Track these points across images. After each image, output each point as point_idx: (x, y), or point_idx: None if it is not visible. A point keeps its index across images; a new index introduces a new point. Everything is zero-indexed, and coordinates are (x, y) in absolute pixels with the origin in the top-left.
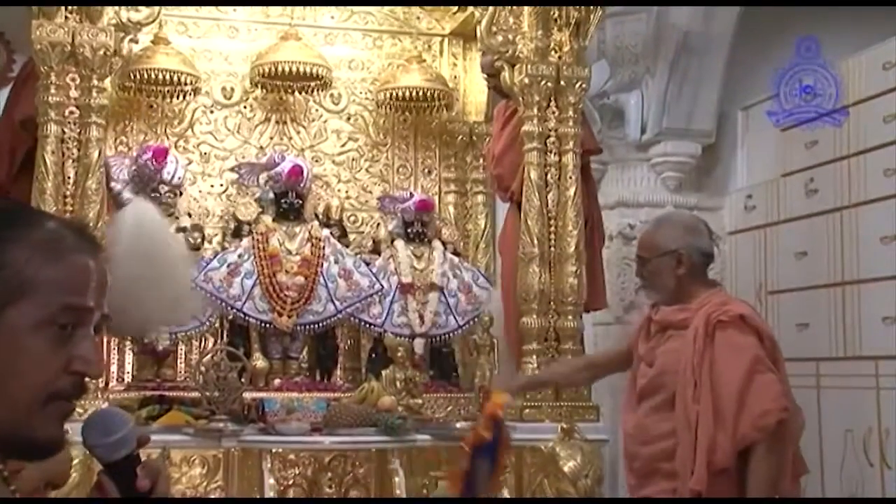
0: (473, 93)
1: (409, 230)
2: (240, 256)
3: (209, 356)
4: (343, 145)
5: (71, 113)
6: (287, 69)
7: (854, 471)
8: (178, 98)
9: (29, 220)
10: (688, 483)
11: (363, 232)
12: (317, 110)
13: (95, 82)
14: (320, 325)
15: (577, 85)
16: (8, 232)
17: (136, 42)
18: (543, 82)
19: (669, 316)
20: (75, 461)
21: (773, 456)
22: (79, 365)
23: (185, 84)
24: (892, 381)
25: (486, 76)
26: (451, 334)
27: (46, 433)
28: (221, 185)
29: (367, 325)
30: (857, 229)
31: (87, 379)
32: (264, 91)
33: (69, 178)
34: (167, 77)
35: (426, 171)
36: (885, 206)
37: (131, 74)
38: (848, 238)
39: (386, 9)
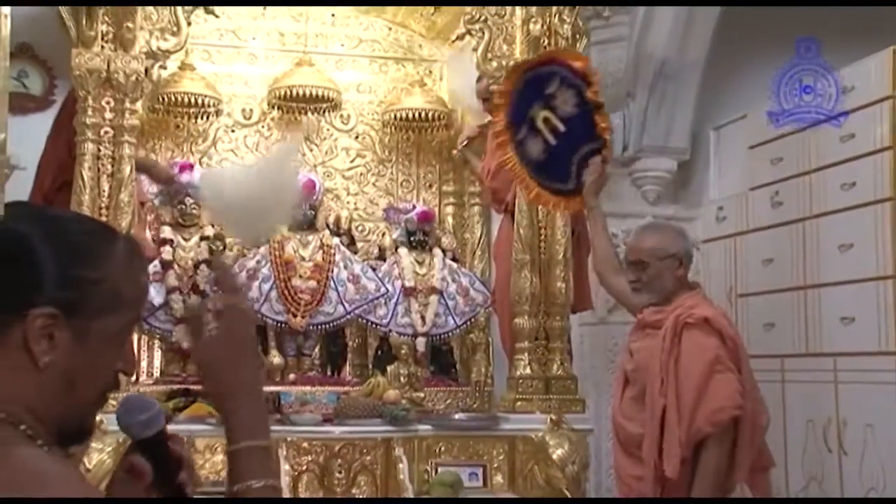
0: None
1: (411, 239)
2: (258, 262)
3: None
4: (352, 161)
5: (106, 133)
6: (301, 92)
7: (815, 457)
8: (202, 119)
9: (111, 235)
10: (652, 470)
11: (370, 240)
12: (328, 129)
13: (128, 105)
14: (331, 325)
15: None
16: (104, 248)
17: (165, 68)
18: None
19: (648, 316)
20: (109, 448)
21: (722, 449)
22: (123, 365)
23: (209, 106)
24: (849, 375)
25: (480, 100)
26: (449, 334)
27: (92, 422)
28: None
29: (374, 325)
30: (818, 238)
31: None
32: (280, 112)
33: (104, 191)
34: (192, 100)
35: (427, 184)
36: (843, 217)
37: (160, 97)
38: (810, 246)
39: (391, 37)
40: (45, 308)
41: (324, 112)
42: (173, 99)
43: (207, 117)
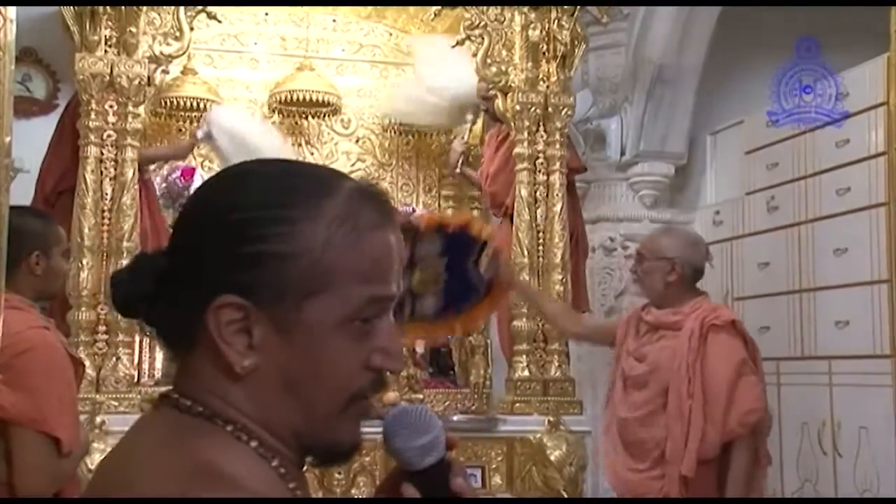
0: None
1: None
2: None
3: None
4: (352, 165)
5: (109, 136)
6: (302, 97)
7: (809, 459)
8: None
9: (322, 186)
10: (679, 467)
11: None
12: (329, 134)
13: (131, 109)
14: None
15: (564, 111)
16: (302, 208)
17: (168, 73)
18: (533, 109)
19: (663, 318)
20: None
21: (750, 449)
22: (379, 360)
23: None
24: (844, 378)
25: (480, 98)
26: (448, 336)
27: (349, 436)
28: None
29: None
30: (814, 242)
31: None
32: (281, 116)
33: (107, 194)
34: (194, 104)
35: (427, 188)
36: (838, 222)
37: (163, 101)
38: (805, 250)
39: (391, 42)
40: (227, 297)
41: (324, 116)
42: (176, 103)
43: None
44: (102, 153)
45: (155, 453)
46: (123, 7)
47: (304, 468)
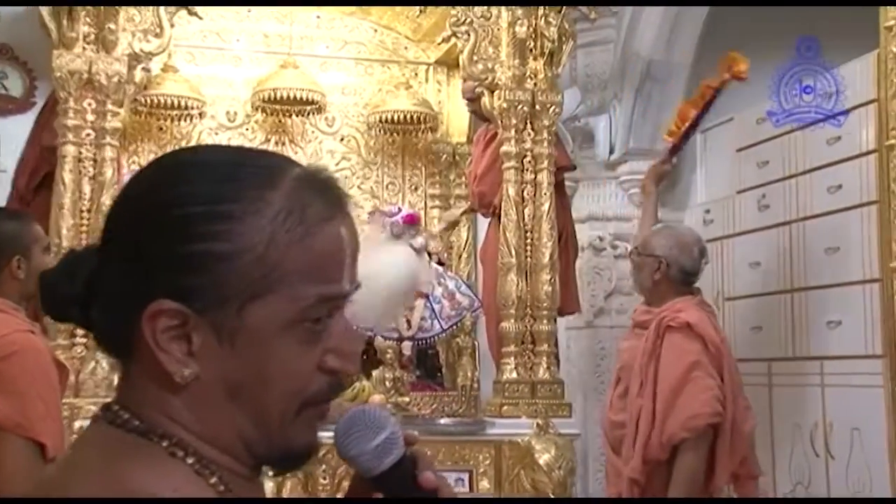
0: (456, 116)
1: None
2: None
3: None
4: (337, 164)
5: (87, 135)
6: (285, 95)
7: (802, 461)
8: (185, 121)
9: (265, 177)
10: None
11: None
12: (313, 132)
13: (110, 107)
14: None
15: (551, 109)
16: (243, 202)
17: (148, 70)
18: (520, 107)
19: (637, 316)
20: None
21: (697, 454)
22: (333, 362)
23: (192, 108)
24: (836, 378)
25: (466, 101)
26: (435, 338)
27: (304, 441)
28: None
29: (359, 329)
30: (805, 241)
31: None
32: (265, 115)
33: (85, 194)
34: (175, 102)
35: (413, 187)
36: (829, 220)
37: (143, 99)
38: (796, 249)
39: (376, 39)
40: (162, 302)
41: (308, 114)
42: (156, 101)
43: (191, 120)
44: (81, 152)
45: (84, 479)
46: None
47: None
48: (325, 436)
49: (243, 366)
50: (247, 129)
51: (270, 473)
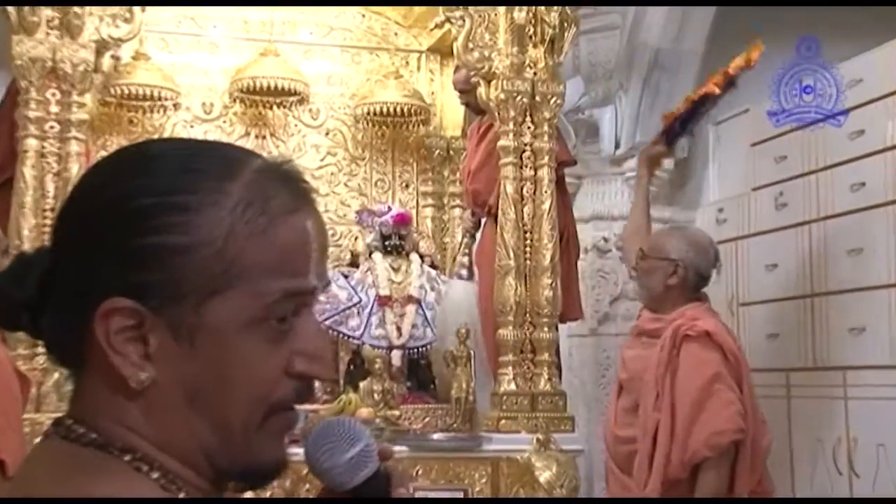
0: (450, 108)
1: (386, 243)
2: None
3: None
4: (322, 160)
5: (51, 128)
6: (266, 84)
7: (824, 480)
8: (158, 113)
9: (225, 167)
10: (641, 490)
11: (341, 245)
12: (296, 125)
13: (76, 97)
14: None
15: (553, 100)
16: (202, 193)
17: (118, 58)
18: (519, 98)
19: (645, 323)
20: None
21: (720, 473)
22: (302, 365)
23: (165, 99)
24: (860, 391)
25: (458, 93)
26: (428, 346)
27: (270, 455)
28: None
29: (346, 338)
30: (826, 242)
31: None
32: (244, 106)
33: (48, 192)
34: (147, 92)
35: (404, 184)
36: (852, 220)
37: (112, 90)
38: (816, 251)
39: (364, 25)
40: (116, 300)
41: (291, 106)
42: (126, 91)
43: (164, 111)
44: (44, 147)
45: (38, 496)
46: None
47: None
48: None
49: (203, 368)
50: (224, 122)
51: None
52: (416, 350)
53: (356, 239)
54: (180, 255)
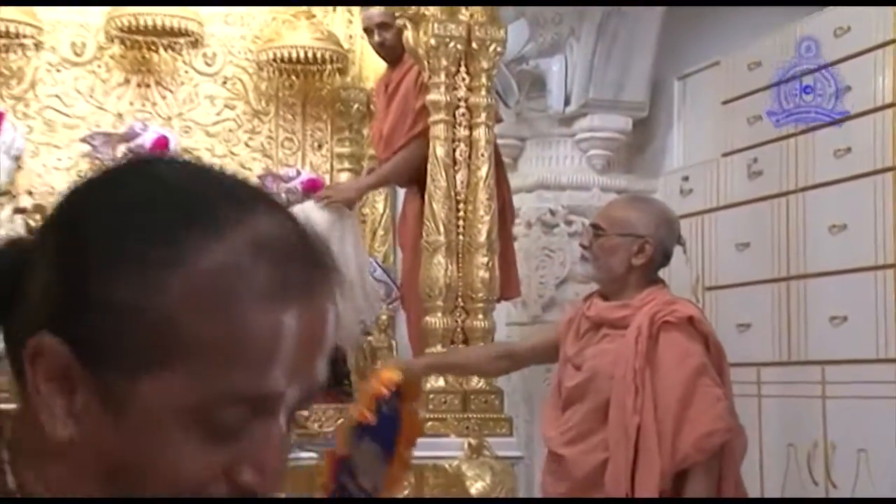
0: (371, 55)
1: None
2: None
3: None
4: (218, 114)
5: None
6: (150, 22)
7: (796, 489)
8: (16, 53)
9: (215, 221)
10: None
11: None
12: (187, 72)
13: None
14: None
15: (492, 48)
16: (172, 249)
17: None
18: (452, 44)
19: (606, 313)
20: None
21: (711, 479)
22: (249, 476)
23: (25, 37)
24: (840, 388)
25: (365, 33)
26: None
27: None
28: (70, 158)
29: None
30: (805, 217)
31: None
32: (123, 48)
33: None
34: (3, 29)
35: (316, 145)
36: (835, 191)
37: None
38: (794, 227)
39: None
40: (45, 340)
41: (181, 49)
42: None
43: (23, 52)
44: None
45: None
46: None
47: None
48: None
49: (129, 447)
50: (99, 67)
51: None
52: None
53: None
54: (128, 314)
